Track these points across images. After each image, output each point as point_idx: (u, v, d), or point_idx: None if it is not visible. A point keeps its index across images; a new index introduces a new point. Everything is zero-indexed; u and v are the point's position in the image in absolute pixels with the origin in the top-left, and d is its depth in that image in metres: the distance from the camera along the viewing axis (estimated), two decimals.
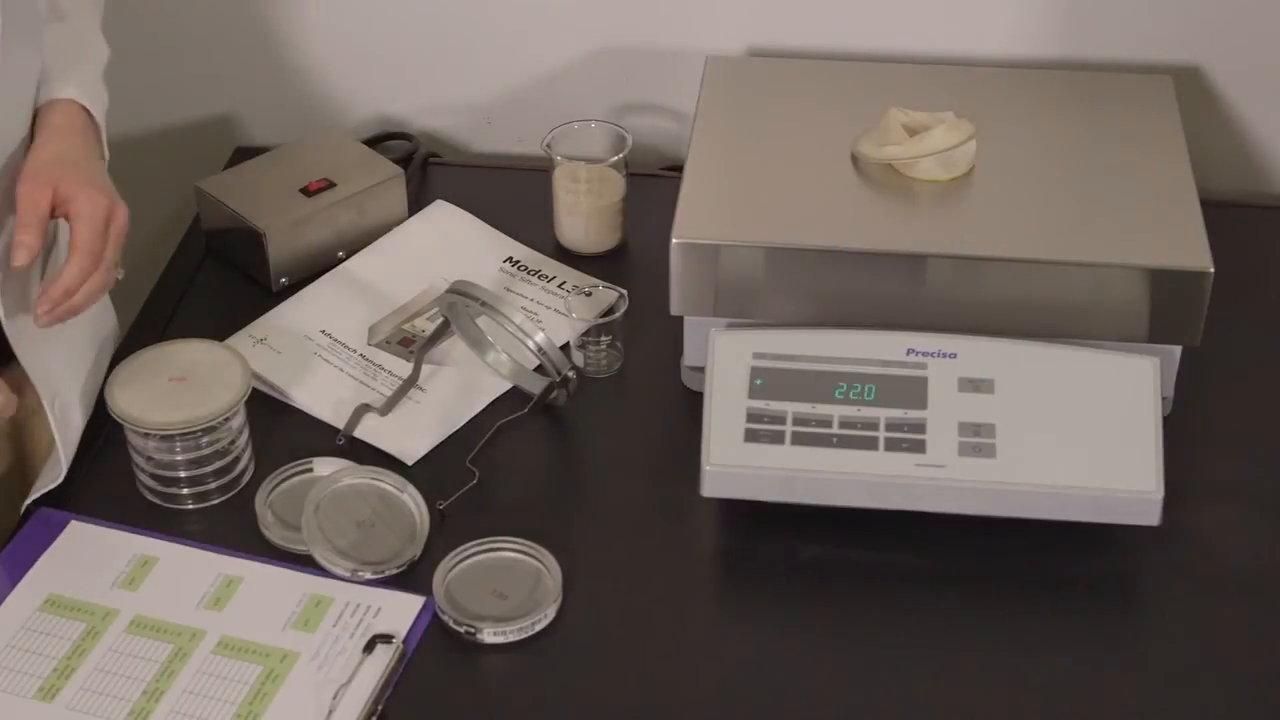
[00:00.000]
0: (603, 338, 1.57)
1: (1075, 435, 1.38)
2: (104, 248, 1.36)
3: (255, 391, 1.47)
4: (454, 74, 1.87)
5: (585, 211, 1.69)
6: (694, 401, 1.45)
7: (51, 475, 1.45)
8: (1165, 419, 1.43)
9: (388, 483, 1.44)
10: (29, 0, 1.37)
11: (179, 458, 1.43)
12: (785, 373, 1.42)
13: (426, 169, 1.83)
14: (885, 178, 1.51)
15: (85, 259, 1.35)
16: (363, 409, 1.51)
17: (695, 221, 1.46)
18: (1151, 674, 1.32)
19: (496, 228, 1.73)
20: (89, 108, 1.44)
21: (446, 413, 1.53)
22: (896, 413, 1.39)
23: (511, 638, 1.34)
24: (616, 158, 1.68)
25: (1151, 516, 1.36)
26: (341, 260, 1.70)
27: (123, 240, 1.39)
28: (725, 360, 1.42)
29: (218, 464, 1.44)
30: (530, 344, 1.48)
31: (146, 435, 1.42)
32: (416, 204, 1.76)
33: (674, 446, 1.47)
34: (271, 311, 1.64)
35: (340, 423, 1.51)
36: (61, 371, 1.46)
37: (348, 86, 1.89)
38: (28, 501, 1.45)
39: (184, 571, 1.39)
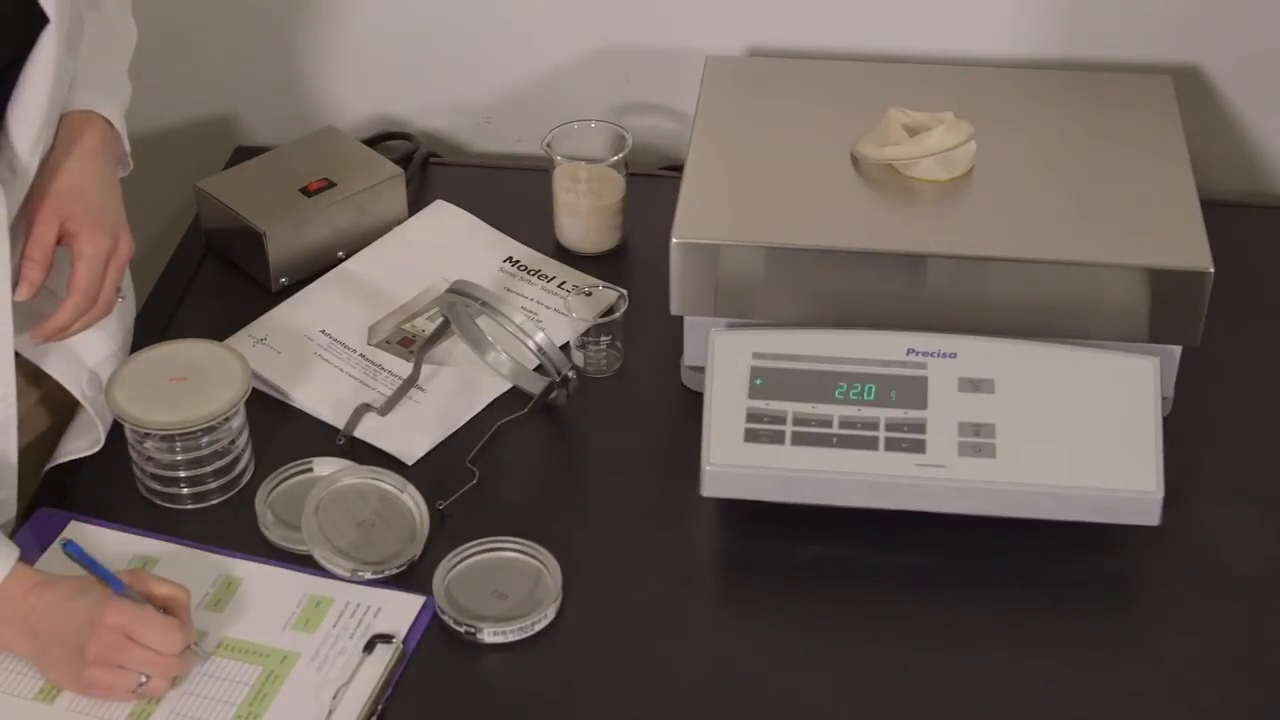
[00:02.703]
0: (603, 338, 1.57)
1: (1075, 435, 1.38)
2: (101, 287, 1.40)
3: (255, 391, 1.47)
4: (454, 74, 1.87)
5: (585, 211, 1.69)
6: (694, 401, 1.45)
7: (84, 443, 1.46)
8: (1165, 419, 1.43)
9: (388, 483, 1.44)
10: (77, 9, 1.39)
11: (179, 458, 1.43)
12: (785, 373, 1.42)
13: (426, 169, 1.83)
14: (885, 178, 1.51)
15: (82, 299, 1.39)
16: (363, 409, 1.51)
17: (695, 221, 1.46)
18: (1151, 674, 1.32)
19: (496, 228, 1.73)
20: (112, 120, 1.45)
21: (446, 413, 1.53)
22: (896, 413, 1.39)
23: (511, 638, 1.34)
24: (616, 158, 1.68)
25: (1151, 516, 1.36)
26: (341, 260, 1.70)
27: (123, 272, 1.43)
28: (725, 360, 1.42)
29: (218, 464, 1.44)
30: (530, 344, 1.48)
31: (146, 435, 1.42)
32: (416, 204, 1.76)
33: (674, 446, 1.47)
34: (271, 311, 1.63)
35: (340, 423, 1.51)
36: (81, 352, 1.47)
37: (348, 86, 1.89)
38: (53, 464, 1.46)
39: (184, 572, 1.38)
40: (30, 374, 1.47)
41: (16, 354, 1.40)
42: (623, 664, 1.33)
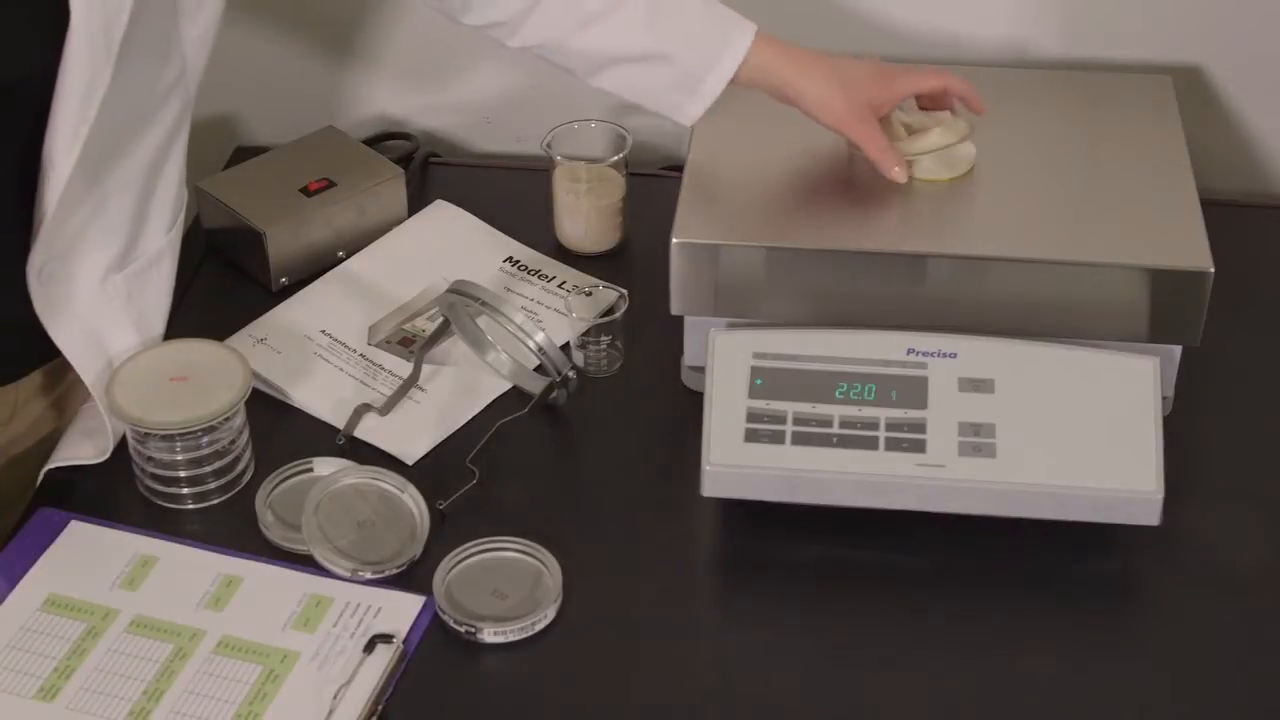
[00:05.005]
0: (603, 338, 1.57)
1: (1075, 435, 1.38)
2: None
3: (255, 391, 1.47)
4: (454, 74, 1.87)
5: (585, 211, 1.69)
6: (694, 401, 1.45)
7: (90, 449, 1.46)
8: (1165, 419, 1.43)
9: (388, 483, 1.44)
10: (159, 13, 1.37)
11: (179, 458, 1.43)
12: (785, 372, 1.42)
13: (426, 169, 1.83)
14: (885, 178, 1.51)
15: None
16: (363, 409, 1.51)
17: (695, 221, 1.46)
18: (1151, 674, 1.32)
19: (496, 228, 1.73)
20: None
21: (446, 413, 1.53)
22: (897, 413, 1.39)
23: (511, 638, 1.34)
24: (616, 158, 1.68)
25: (1151, 516, 1.37)
26: (341, 260, 1.70)
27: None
28: (725, 360, 1.42)
29: (218, 464, 1.44)
30: (530, 344, 1.48)
31: (146, 435, 1.42)
32: (416, 204, 1.76)
33: (674, 446, 1.47)
34: (271, 311, 1.64)
35: (340, 423, 1.51)
36: (126, 355, 1.47)
37: (348, 86, 1.89)
38: (53, 465, 1.46)
39: (184, 571, 1.39)
40: (48, 374, 1.47)
41: (38, 349, 1.41)
42: (623, 664, 1.33)
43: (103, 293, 1.44)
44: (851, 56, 1.51)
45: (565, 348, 1.57)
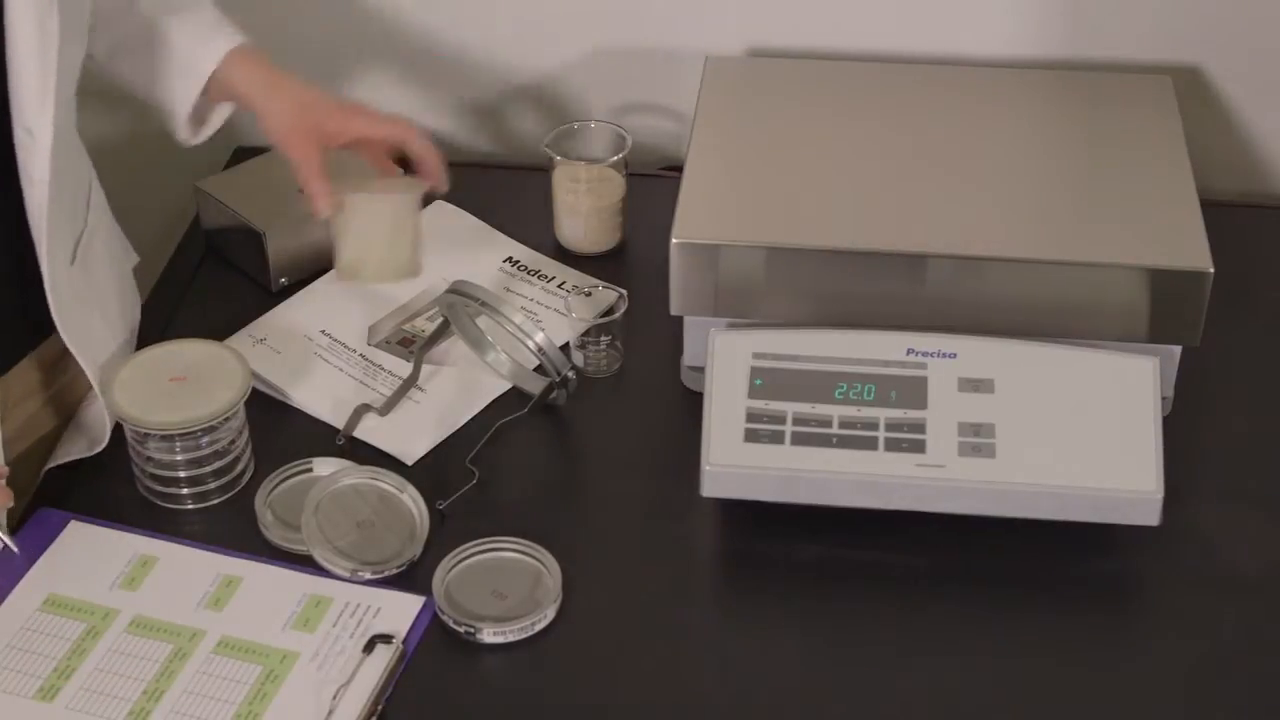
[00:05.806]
0: (603, 338, 1.57)
1: (1075, 435, 1.38)
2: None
3: (255, 391, 1.47)
4: (454, 74, 1.87)
5: (585, 211, 1.69)
6: (694, 401, 1.45)
7: (84, 444, 1.46)
8: (1165, 419, 1.43)
9: (388, 483, 1.44)
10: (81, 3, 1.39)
11: (179, 458, 1.43)
12: (785, 373, 1.42)
13: None
14: (885, 178, 1.51)
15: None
16: (363, 409, 1.51)
17: (695, 221, 1.46)
18: (1151, 674, 1.32)
19: (496, 228, 1.73)
20: (245, 42, 1.53)
21: (446, 413, 1.53)
22: (896, 413, 1.39)
23: (511, 638, 1.34)
24: (616, 158, 1.68)
25: (1151, 516, 1.37)
26: None
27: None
28: (725, 360, 1.42)
29: (218, 464, 1.44)
30: (530, 344, 1.48)
31: (146, 435, 1.42)
32: None
33: (674, 446, 1.47)
34: (271, 311, 1.64)
35: (340, 423, 1.51)
36: (103, 342, 1.47)
37: (348, 87, 1.89)
38: (52, 464, 1.46)
39: (184, 571, 1.39)
40: (44, 371, 1.47)
41: (35, 346, 1.42)
42: (623, 664, 1.33)
43: (70, 280, 1.44)
44: (334, 96, 1.57)
45: (565, 348, 1.57)
